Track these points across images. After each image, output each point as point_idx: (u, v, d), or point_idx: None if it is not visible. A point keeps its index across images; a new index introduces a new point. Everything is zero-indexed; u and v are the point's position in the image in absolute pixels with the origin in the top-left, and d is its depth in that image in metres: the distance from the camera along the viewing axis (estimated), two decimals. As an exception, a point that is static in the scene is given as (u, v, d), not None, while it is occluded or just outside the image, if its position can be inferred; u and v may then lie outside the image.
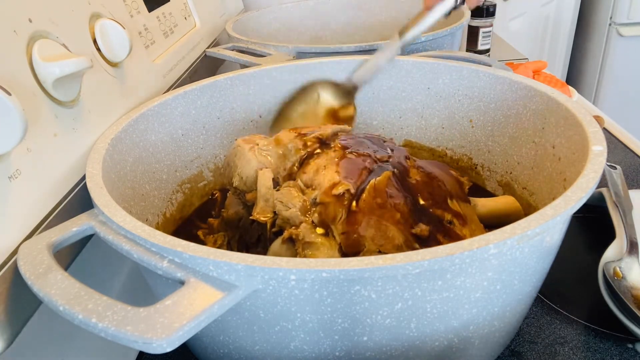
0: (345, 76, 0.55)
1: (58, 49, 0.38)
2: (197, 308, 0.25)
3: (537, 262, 0.32)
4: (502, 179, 0.53)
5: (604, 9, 1.85)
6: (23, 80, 0.34)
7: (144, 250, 0.29)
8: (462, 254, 0.26)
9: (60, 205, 0.36)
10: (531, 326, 0.43)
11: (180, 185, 0.53)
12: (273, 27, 0.96)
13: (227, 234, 0.47)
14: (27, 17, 0.36)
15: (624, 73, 1.87)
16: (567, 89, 0.83)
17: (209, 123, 0.56)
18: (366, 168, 0.40)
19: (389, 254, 0.26)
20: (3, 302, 0.29)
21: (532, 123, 0.47)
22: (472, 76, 0.54)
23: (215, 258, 0.27)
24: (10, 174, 0.31)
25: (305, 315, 0.28)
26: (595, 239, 0.53)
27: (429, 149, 0.60)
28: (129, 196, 0.43)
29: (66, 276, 0.28)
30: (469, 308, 0.30)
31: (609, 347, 0.41)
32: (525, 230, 0.27)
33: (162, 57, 0.59)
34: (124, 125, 0.44)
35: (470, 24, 1.01)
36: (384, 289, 0.27)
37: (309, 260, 0.26)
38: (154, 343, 0.23)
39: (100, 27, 0.44)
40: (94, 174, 0.36)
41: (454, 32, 0.71)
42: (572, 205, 0.29)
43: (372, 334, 0.29)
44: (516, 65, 0.86)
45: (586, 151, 0.36)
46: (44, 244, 0.31)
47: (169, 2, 0.66)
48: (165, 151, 0.51)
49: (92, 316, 0.25)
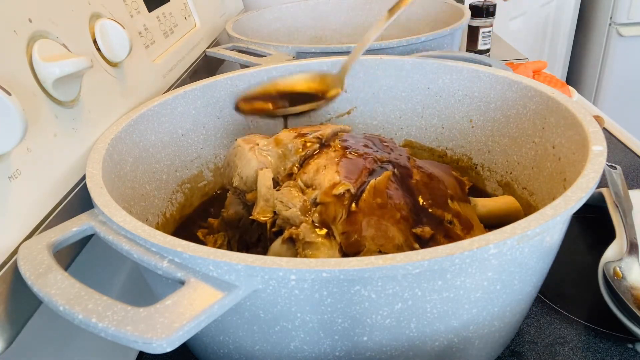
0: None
1: (58, 49, 0.38)
2: (197, 308, 0.25)
3: (537, 262, 0.32)
4: (502, 179, 0.53)
5: (604, 9, 1.85)
6: (23, 80, 0.34)
7: (144, 250, 0.29)
8: (462, 254, 0.26)
9: (60, 205, 0.36)
10: (531, 326, 0.43)
11: (180, 185, 0.53)
12: (273, 27, 0.96)
13: (227, 234, 0.47)
14: (27, 17, 0.36)
15: (624, 73, 1.87)
16: (567, 89, 0.83)
17: (209, 123, 0.56)
18: (366, 168, 0.40)
19: (389, 254, 0.26)
20: (3, 302, 0.29)
21: (532, 123, 0.47)
22: (472, 76, 0.54)
23: (215, 258, 0.27)
24: (10, 174, 0.31)
25: (305, 315, 0.28)
26: (595, 239, 0.53)
27: (429, 149, 0.60)
28: (129, 196, 0.43)
29: (66, 276, 0.28)
30: (469, 308, 0.30)
31: (609, 347, 0.41)
32: (525, 230, 0.27)
33: (162, 57, 0.59)
34: (124, 125, 0.44)
35: (470, 24, 1.01)
36: (384, 289, 0.27)
37: (309, 260, 0.26)
38: (154, 343, 0.23)
39: (100, 27, 0.44)
40: (94, 174, 0.36)
41: (454, 32, 0.71)
42: (572, 205, 0.29)
43: (372, 334, 0.29)
44: (516, 65, 0.86)
45: (586, 151, 0.36)
46: (44, 244, 0.31)
47: (169, 2, 0.66)
48: (165, 151, 0.51)
49: (92, 316, 0.25)
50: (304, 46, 0.67)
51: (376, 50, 0.66)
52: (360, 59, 0.58)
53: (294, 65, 0.59)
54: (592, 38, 1.95)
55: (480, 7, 0.98)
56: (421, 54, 0.61)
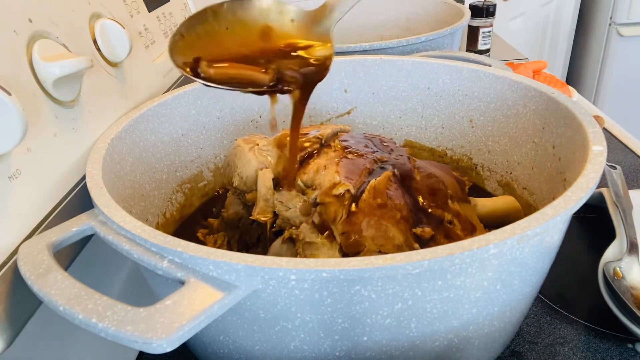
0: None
1: (58, 49, 0.38)
2: (197, 308, 0.25)
3: (537, 262, 0.32)
4: (502, 179, 0.53)
5: (604, 9, 1.85)
6: (23, 80, 0.34)
7: (144, 250, 0.29)
8: (462, 254, 0.26)
9: (60, 205, 0.36)
10: (531, 326, 0.43)
11: (180, 185, 0.53)
12: (273, 27, 0.96)
13: (227, 234, 0.47)
14: (27, 17, 0.36)
15: (624, 73, 1.87)
16: (567, 89, 0.83)
17: (209, 123, 0.56)
18: (366, 168, 0.40)
19: (389, 254, 0.26)
20: (3, 302, 0.29)
21: (532, 123, 0.47)
22: (472, 76, 0.54)
23: (215, 258, 0.27)
24: (10, 174, 0.31)
25: (305, 315, 0.28)
26: (595, 239, 0.53)
27: (429, 149, 0.60)
28: (129, 196, 0.43)
29: (66, 276, 0.28)
30: (469, 308, 0.30)
31: (609, 347, 0.41)
32: (525, 230, 0.27)
33: (162, 57, 0.59)
34: (124, 125, 0.44)
35: (470, 24, 1.01)
36: (384, 289, 0.27)
37: (309, 260, 0.26)
38: (154, 343, 0.23)
39: (100, 27, 0.44)
40: (94, 174, 0.36)
41: (454, 32, 0.71)
42: (572, 205, 0.29)
43: (372, 334, 0.29)
44: (516, 65, 0.87)
45: (586, 151, 0.36)
46: (44, 244, 0.31)
47: (169, 2, 0.66)
48: (165, 151, 0.51)
49: (92, 316, 0.25)
50: (304, 46, 0.67)
51: (376, 50, 0.66)
52: (360, 59, 0.58)
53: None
54: (592, 38, 1.95)
55: (480, 7, 0.99)
56: (421, 54, 0.61)
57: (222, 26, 0.39)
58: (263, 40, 0.40)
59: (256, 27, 0.40)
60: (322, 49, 0.39)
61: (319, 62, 0.39)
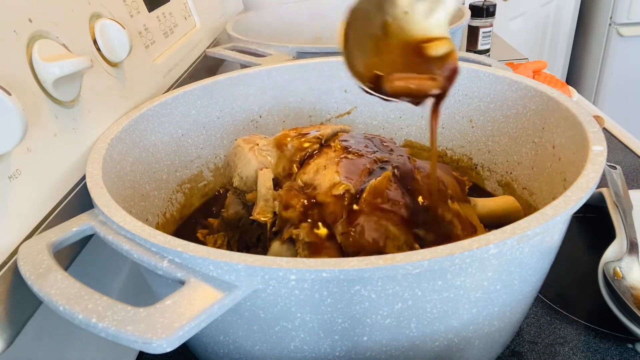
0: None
1: (58, 49, 0.38)
2: (197, 308, 0.25)
3: (537, 262, 0.32)
4: (502, 179, 0.53)
5: (604, 9, 1.85)
6: (23, 80, 0.34)
7: (144, 250, 0.29)
8: (462, 254, 0.26)
9: (60, 205, 0.36)
10: (531, 326, 0.43)
11: (180, 185, 0.53)
12: (273, 27, 0.96)
13: (227, 234, 0.47)
14: (27, 17, 0.36)
15: (624, 73, 1.87)
16: (567, 89, 0.83)
17: (209, 123, 0.56)
18: (366, 168, 0.40)
19: (389, 254, 0.26)
20: (3, 302, 0.29)
21: (532, 123, 0.47)
22: (472, 76, 0.54)
23: (215, 258, 0.27)
24: (10, 174, 0.31)
25: (305, 315, 0.28)
26: (595, 239, 0.53)
27: (429, 149, 0.60)
28: (129, 196, 0.43)
29: (66, 276, 0.28)
30: (469, 308, 0.30)
31: (609, 347, 0.41)
32: (525, 230, 0.27)
33: (162, 57, 0.59)
34: (124, 125, 0.44)
35: (470, 24, 1.01)
36: (384, 289, 0.27)
37: (309, 260, 0.26)
38: (154, 343, 0.23)
39: (100, 27, 0.44)
40: (94, 174, 0.36)
41: (454, 32, 0.71)
42: (572, 205, 0.29)
43: (372, 334, 0.29)
44: (516, 65, 0.87)
45: (586, 151, 0.36)
46: (44, 244, 0.31)
47: (169, 2, 0.66)
48: (165, 151, 0.51)
49: (92, 316, 0.25)
50: (304, 46, 0.67)
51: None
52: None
53: (294, 65, 0.59)
54: (592, 38, 1.95)
55: (480, 7, 0.98)
56: (421, 54, 0.61)
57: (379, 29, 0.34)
58: (387, 37, 0.35)
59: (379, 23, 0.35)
60: (442, 45, 0.35)
61: (446, 60, 0.35)
